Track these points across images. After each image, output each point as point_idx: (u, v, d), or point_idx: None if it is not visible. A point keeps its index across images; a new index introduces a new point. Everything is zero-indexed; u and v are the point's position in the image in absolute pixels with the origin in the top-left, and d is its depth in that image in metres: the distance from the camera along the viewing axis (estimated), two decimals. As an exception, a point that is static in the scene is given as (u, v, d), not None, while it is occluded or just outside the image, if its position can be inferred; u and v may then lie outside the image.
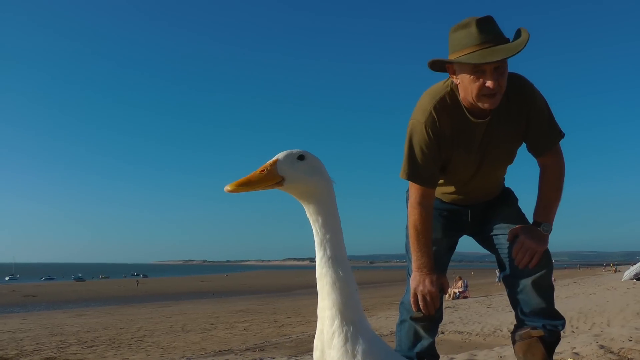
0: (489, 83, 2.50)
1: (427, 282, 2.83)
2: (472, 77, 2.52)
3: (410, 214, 2.85)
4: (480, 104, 2.59)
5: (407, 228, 2.98)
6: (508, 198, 3.16)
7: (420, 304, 2.86)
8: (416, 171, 2.78)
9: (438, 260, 2.97)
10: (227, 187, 1.54)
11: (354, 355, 1.45)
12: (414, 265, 2.88)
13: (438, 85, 2.81)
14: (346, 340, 1.47)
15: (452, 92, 2.73)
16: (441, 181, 2.97)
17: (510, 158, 2.97)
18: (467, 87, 2.58)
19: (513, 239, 2.84)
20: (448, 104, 2.72)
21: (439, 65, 2.72)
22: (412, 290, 2.89)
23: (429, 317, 2.96)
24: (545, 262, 2.80)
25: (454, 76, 2.65)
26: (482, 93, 2.54)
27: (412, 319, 2.99)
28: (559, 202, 2.90)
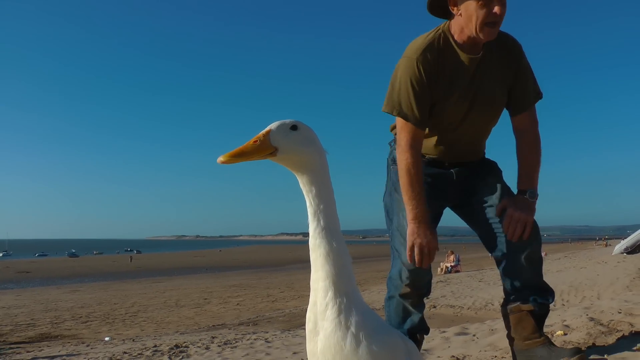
0: (496, 9, 2.54)
1: (424, 233, 2.74)
2: (479, 3, 2.55)
3: (401, 159, 2.76)
4: (481, 35, 2.61)
5: (387, 195, 2.95)
6: (493, 169, 3.09)
7: (417, 257, 2.76)
8: (407, 107, 2.74)
9: None
10: (220, 158, 1.51)
11: (347, 327, 1.45)
12: (409, 217, 2.77)
13: (429, 31, 2.82)
14: (340, 311, 1.47)
15: (445, 34, 2.76)
16: (426, 131, 2.89)
17: (496, 112, 2.93)
18: (472, 15, 2.59)
19: (501, 213, 2.82)
20: (440, 44, 2.74)
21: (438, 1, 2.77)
22: (408, 243, 2.77)
23: (418, 293, 2.90)
24: (535, 236, 2.80)
25: (455, 7, 2.68)
26: (488, 20, 2.56)
27: (400, 295, 2.91)
28: (540, 167, 2.91)
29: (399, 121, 2.79)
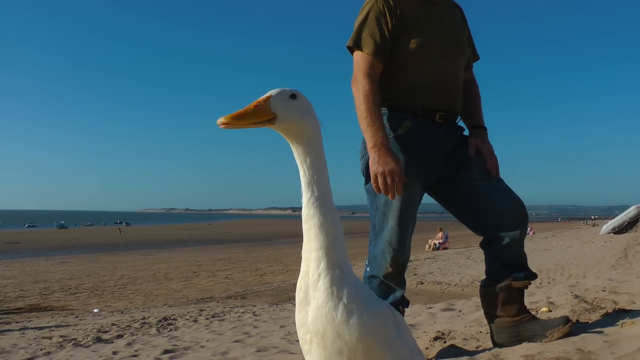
0: None
1: (389, 159, 2.64)
2: None
3: (359, 86, 2.74)
4: None
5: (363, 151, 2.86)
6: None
7: (382, 187, 2.66)
8: (366, 37, 2.78)
9: (412, 213, 2.87)
10: (221, 119, 1.49)
11: (340, 298, 1.46)
12: (369, 144, 2.69)
13: None
14: (332, 282, 1.48)
15: None
16: (413, 73, 2.87)
17: (465, 51, 3.04)
18: None
19: (476, 151, 2.92)
20: None
21: None
22: (372, 174, 2.67)
23: (400, 271, 2.87)
24: (526, 215, 2.85)
25: None
26: None
27: (383, 276, 2.86)
28: None
29: (356, 54, 2.82)
